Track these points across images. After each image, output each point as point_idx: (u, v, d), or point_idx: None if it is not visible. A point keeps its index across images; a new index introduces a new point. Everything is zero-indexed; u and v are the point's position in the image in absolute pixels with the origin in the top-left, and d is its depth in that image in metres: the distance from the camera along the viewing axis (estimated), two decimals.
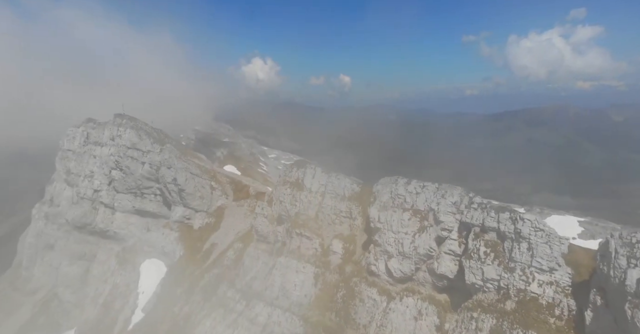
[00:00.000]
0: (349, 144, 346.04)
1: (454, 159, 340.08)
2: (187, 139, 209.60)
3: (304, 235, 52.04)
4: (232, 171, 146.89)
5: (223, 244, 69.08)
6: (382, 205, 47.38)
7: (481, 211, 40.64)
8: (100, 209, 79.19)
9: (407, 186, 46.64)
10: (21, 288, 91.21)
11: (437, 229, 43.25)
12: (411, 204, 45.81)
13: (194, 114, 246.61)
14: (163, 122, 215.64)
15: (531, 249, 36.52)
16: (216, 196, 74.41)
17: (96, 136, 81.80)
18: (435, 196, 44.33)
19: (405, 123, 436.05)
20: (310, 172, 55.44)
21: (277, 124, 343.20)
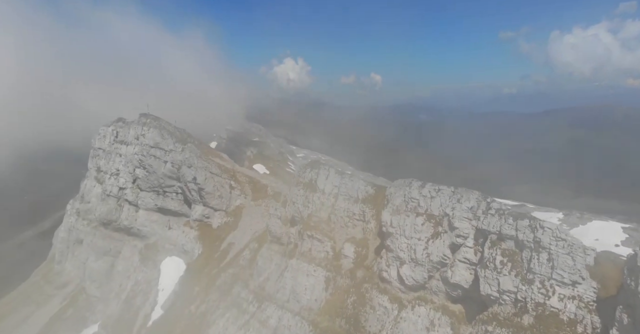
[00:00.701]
0: (379, 143, 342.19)
1: (489, 160, 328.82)
2: (220, 138, 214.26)
3: (315, 237, 51.19)
4: (261, 170, 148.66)
5: (240, 244, 69.45)
6: (394, 209, 45.76)
7: (498, 217, 38.29)
8: (125, 206, 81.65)
9: (421, 190, 44.79)
10: (53, 280, 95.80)
11: (452, 235, 41.19)
12: (425, 209, 43.94)
13: (227, 114, 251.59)
14: (197, 121, 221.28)
15: (551, 260, 33.96)
16: (235, 196, 74.94)
17: (122, 134, 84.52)
18: (450, 201, 42.26)
19: (437, 122, 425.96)
20: (323, 173, 54.53)
21: (307, 124, 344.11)
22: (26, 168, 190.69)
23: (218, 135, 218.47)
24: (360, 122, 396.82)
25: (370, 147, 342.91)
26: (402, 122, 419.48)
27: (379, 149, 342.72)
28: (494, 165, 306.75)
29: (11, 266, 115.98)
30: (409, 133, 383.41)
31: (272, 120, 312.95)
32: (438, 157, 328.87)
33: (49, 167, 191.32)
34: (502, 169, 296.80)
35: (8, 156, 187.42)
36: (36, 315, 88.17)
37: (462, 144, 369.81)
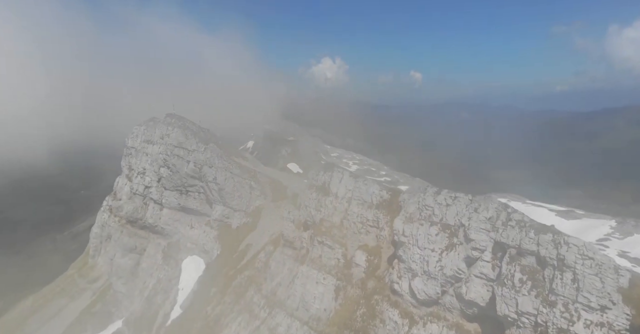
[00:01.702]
0: (417, 143, 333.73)
1: (538, 161, 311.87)
2: (257, 137, 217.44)
3: (326, 244, 49.43)
4: (295, 169, 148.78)
5: (257, 246, 68.97)
6: (407, 217, 43.06)
7: (519, 229, 34.77)
8: (150, 204, 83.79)
9: (436, 197, 41.79)
10: (86, 274, 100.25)
11: (467, 248, 38.00)
12: (440, 218, 40.95)
13: (265, 114, 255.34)
14: (235, 121, 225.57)
15: (577, 281, 30.21)
16: (255, 196, 74.63)
17: (149, 134, 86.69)
18: (467, 210, 39.04)
19: (481, 121, 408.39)
20: (337, 176, 52.60)
21: (343, 123, 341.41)
22: (82, 165, 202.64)
23: (255, 134, 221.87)
24: (398, 121, 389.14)
25: (408, 146, 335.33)
26: (443, 121, 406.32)
27: (417, 148, 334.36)
28: (544, 167, 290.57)
29: (64, 257, 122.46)
30: (450, 132, 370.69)
31: (308, 119, 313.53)
32: (481, 158, 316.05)
33: (103, 163, 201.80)
34: (553, 172, 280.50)
35: (64, 152, 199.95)
36: (69, 308, 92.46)
37: (509, 145, 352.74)
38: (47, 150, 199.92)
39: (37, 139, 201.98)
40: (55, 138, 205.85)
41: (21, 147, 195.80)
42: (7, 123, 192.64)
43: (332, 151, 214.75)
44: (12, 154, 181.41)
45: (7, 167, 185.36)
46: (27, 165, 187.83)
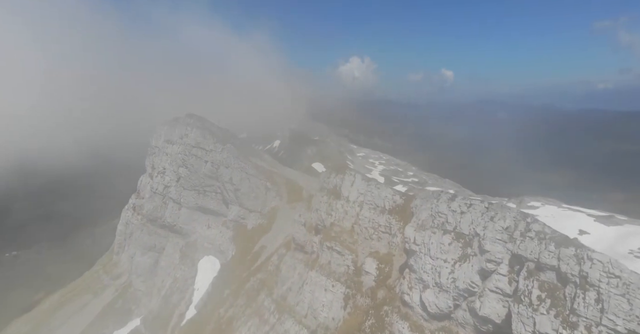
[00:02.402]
0: (448, 143, 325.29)
1: (579, 163, 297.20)
2: (283, 137, 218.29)
3: (335, 250, 47.78)
4: (320, 169, 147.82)
5: (271, 248, 68.30)
6: (419, 224, 40.77)
7: (538, 241, 31.90)
8: (170, 204, 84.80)
9: (450, 203, 39.29)
10: (110, 271, 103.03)
11: (482, 259, 35.37)
12: (454, 226, 38.43)
13: (292, 113, 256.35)
14: (262, 121, 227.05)
15: (601, 302, 27.21)
16: (270, 197, 73.96)
17: (169, 134, 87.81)
18: (482, 218, 36.38)
19: (517, 121, 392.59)
20: (348, 179, 50.80)
21: (370, 122, 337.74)
22: (117, 162, 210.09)
23: (281, 134, 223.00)
24: (427, 120, 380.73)
25: (438, 146, 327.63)
26: (476, 120, 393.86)
27: (448, 148, 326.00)
28: (584, 169, 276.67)
29: (100, 252, 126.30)
30: (483, 132, 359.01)
31: (335, 119, 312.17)
32: (517, 159, 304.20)
33: (140, 161, 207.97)
34: (594, 174, 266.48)
35: (97, 149, 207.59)
36: (92, 304, 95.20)
37: (547, 145, 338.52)
38: (82, 148, 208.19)
39: (71, 138, 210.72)
40: (88, 137, 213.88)
41: (57, 145, 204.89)
42: (38, 123, 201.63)
43: (358, 150, 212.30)
44: (49, 152, 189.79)
45: (47, 164, 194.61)
46: (67, 163, 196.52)
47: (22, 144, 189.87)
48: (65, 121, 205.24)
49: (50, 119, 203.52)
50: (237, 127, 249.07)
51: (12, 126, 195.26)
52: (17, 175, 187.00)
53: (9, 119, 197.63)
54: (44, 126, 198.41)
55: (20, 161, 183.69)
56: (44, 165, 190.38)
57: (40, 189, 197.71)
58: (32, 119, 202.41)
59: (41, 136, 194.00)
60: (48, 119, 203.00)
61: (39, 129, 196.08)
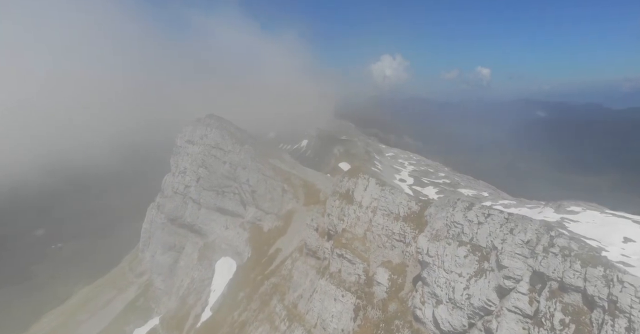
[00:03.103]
0: (484, 143, 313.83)
1: (625, 165, 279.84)
2: (310, 137, 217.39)
3: (346, 257, 45.62)
4: (346, 168, 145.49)
5: (286, 251, 66.95)
6: (433, 234, 37.97)
7: (562, 258, 28.58)
8: (190, 203, 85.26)
9: (466, 212, 36.26)
10: (134, 268, 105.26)
11: (499, 275, 32.28)
12: (470, 237, 35.42)
13: (320, 113, 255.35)
14: (290, 120, 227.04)
15: (632, 331, 23.78)
16: (287, 199, 72.64)
17: (190, 134, 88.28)
18: (501, 230, 33.22)
19: (558, 120, 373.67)
20: (362, 183, 48.47)
21: (401, 121, 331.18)
22: (153, 160, 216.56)
23: (309, 133, 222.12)
24: (462, 119, 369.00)
25: (474, 146, 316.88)
26: (514, 120, 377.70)
27: (484, 149, 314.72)
28: (632, 172, 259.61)
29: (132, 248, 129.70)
30: (521, 132, 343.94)
31: (364, 118, 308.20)
32: (557, 160, 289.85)
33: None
34: None
35: (136, 148, 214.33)
36: (116, 300, 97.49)
37: (591, 146, 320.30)
38: (118, 146, 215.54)
39: (106, 136, 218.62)
40: (124, 135, 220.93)
41: (94, 143, 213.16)
42: (74, 122, 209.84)
43: (387, 150, 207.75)
44: (83, 150, 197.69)
45: (82, 161, 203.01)
46: (106, 160, 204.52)
47: (57, 143, 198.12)
48: (100, 120, 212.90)
49: (83, 118, 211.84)
50: (266, 127, 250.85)
51: (47, 126, 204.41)
52: (55, 172, 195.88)
53: (43, 119, 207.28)
54: (77, 125, 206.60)
55: (56, 158, 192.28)
56: (78, 162, 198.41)
57: (79, 185, 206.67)
58: (65, 118, 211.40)
59: (75, 135, 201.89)
60: (81, 118, 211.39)
61: (72, 129, 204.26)
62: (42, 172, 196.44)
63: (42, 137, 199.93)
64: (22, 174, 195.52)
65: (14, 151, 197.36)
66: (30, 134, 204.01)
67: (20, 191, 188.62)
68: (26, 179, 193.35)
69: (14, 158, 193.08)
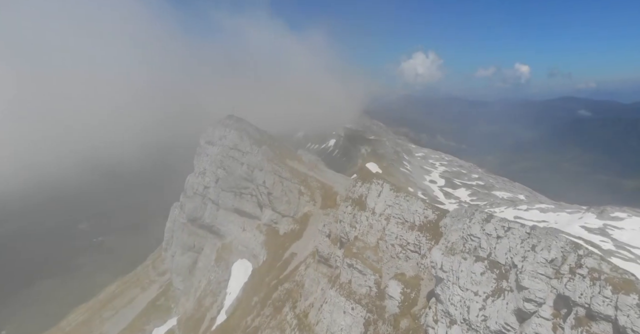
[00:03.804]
0: (521, 143, 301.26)
1: None
2: (338, 136, 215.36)
3: (356, 268, 43.27)
4: (374, 169, 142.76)
5: (301, 256, 65.29)
6: (448, 247, 35.01)
7: (591, 282, 25.20)
8: (209, 204, 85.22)
9: (484, 225, 33.10)
10: (157, 267, 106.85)
11: (519, 297, 29.10)
12: (488, 252, 32.28)
13: (348, 112, 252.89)
14: (318, 120, 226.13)
15: None
16: (303, 202, 70.97)
17: (210, 135, 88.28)
18: (522, 246, 29.96)
19: (603, 120, 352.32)
20: (375, 189, 45.89)
21: (433, 121, 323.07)
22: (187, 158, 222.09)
23: (337, 133, 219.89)
24: (499, 118, 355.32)
25: (510, 146, 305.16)
26: (554, 119, 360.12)
27: (521, 149, 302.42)
28: None
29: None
30: (562, 132, 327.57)
31: (395, 117, 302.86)
32: (602, 163, 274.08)
33: None
34: None
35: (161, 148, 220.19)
36: (139, 298, 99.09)
37: (638, 147, 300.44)
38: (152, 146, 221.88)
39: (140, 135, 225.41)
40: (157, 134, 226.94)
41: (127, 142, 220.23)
42: (99, 123, 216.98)
43: (417, 150, 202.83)
44: (116, 148, 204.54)
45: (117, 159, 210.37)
46: (146, 158, 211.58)
47: (89, 141, 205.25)
48: (130, 119, 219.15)
49: (114, 116, 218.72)
50: (295, 127, 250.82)
51: (80, 124, 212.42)
52: (94, 169, 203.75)
53: (79, 119, 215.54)
54: (107, 123, 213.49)
55: (90, 155, 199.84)
56: (113, 159, 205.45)
57: (117, 182, 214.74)
58: (97, 118, 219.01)
59: (107, 134, 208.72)
60: (112, 117, 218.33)
61: (104, 127, 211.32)
62: (79, 169, 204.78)
63: (76, 135, 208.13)
64: (63, 171, 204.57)
65: (54, 149, 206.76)
66: (64, 132, 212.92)
67: (62, 187, 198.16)
68: (66, 176, 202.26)
69: (54, 155, 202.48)
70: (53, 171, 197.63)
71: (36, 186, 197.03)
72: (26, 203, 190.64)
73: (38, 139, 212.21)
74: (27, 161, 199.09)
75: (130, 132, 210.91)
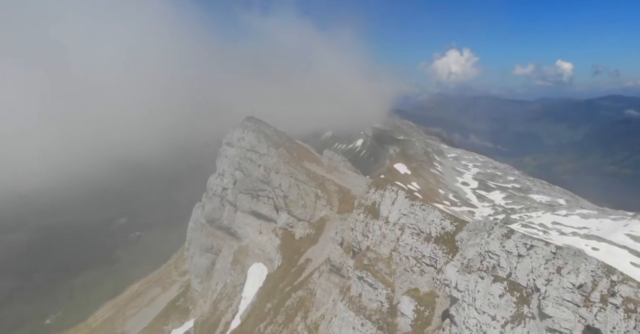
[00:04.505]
0: (562, 144, 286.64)
1: None
2: (365, 136, 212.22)
3: (367, 281, 40.67)
4: (402, 170, 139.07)
5: (316, 262, 63.16)
6: (464, 264, 31.86)
7: (625, 314, 21.72)
8: (227, 206, 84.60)
9: (504, 241, 29.76)
10: (179, 267, 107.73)
11: (542, 326, 25.75)
12: (508, 272, 28.96)
13: (377, 112, 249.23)
14: (347, 120, 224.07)
15: None
16: (320, 206, 68.79)
17: (229, 136, 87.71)
18: (546, 267, 26.54)
19: None
20: (389, 196, 43.04)
21: (467, 120, 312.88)
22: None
23: (364, 133, 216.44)
24: (538, 118, 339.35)
25: (550, 147, 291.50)
26: (599, 119, 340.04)
27: (562, 150, 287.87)
28: None
29: None
30: (608, 132, 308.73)
31: (427, 116, 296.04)
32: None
33: None
34: None
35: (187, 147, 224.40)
36: (160, 298, 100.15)
37: None
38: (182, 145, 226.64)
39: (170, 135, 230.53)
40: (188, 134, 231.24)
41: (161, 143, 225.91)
42: (126, 122, 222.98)
43: (448, 151, 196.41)
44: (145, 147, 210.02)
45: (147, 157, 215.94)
46: (177, 157, 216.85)
47: (119, 140, 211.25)
48: (160, 118, 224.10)
49: (142, 117, 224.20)
50: (323, 126, 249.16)
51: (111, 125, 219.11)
52: (120, 167, 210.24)
53: (107, 119, 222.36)
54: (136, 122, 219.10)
55: (120, 154, 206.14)
56: (143, 158, 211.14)
57: (149, 179, 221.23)
58: (125, 117, 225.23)
59: (138, 133, 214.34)
60: (141, 117, 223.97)
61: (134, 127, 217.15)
62: (108, 167, 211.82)
63: (104, 134, 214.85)
64: (93, 168, 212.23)
65: (85, 148, 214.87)
66: (93, 131, 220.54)
67: (95, 183, 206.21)
68: (96, 173, 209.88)
69: (83, 154, 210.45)
70: (84, 169, 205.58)
71: (70, 182, 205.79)
72: (66, 199, 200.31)
73: (69, 138, 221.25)
74: (60, 159, 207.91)
75: (159, 131, 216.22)
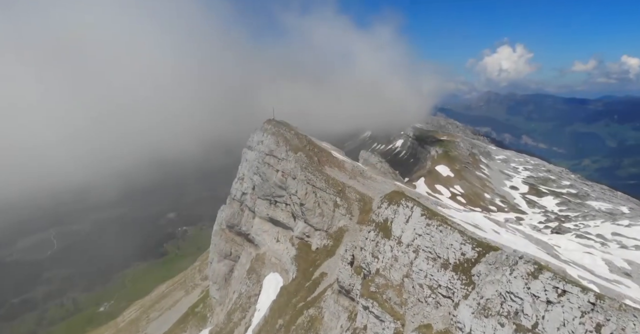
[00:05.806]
0: (625, 146, 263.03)
1: None
2: (406, 136, 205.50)
3: (372, 312, 35.71)
4: (445, 172, 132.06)
5: (331, 277, 58.62)
6: (481, 304, 26.30)
7: None
8: (245, 211, 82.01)
9: (530, 281, 23.92)
10: (202, 270, 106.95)
11: None
12: (533, 322, 23.17)
13: (419, 111, 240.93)
14: (386, 119, 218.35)
15: None
16: (338, 215, 64.13)
17: (250, 140, 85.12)
18: (582, 322, 20.66)
19: None
20: (403, 213, 37.74)
21: (519, 120, 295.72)
22: None
23: (405, 133, 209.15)
24: (600, 117, 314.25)
25: (612, 150, 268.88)
26: None
27: (627, 153, 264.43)
28: None
29: None
30: None
31: (474, 116, 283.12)
32: None
33: None
34: None
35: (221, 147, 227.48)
36: (182, 302, 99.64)
37: None
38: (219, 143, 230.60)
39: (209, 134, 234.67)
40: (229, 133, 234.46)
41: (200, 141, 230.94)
42: (163, 121, 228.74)
43: (497, 152, 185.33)
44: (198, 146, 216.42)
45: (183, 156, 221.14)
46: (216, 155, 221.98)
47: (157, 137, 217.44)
48: (197, 118, 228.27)
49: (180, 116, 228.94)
50: (362, 126, 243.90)
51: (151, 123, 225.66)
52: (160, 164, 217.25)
53: (144, 117, 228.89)
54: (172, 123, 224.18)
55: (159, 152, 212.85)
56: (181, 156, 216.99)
57: (199, 175, 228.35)
58: (161, 116, 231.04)
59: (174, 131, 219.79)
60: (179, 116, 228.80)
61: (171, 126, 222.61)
62: (148, 163, 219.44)
63: (142, 132, 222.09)
64: (134, 165, 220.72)
65: (125, 145, 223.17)
66: (133, 129, 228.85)
67: (137, 179, 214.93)
68: (138, 169, 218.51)
69: (123, 151, 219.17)
70: (126, 165, 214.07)
71: (116, 180, 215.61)
72: (114, 194, 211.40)
73: (112, 135, 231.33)
74: (102, 155, 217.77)
75: (197, 129, 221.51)
